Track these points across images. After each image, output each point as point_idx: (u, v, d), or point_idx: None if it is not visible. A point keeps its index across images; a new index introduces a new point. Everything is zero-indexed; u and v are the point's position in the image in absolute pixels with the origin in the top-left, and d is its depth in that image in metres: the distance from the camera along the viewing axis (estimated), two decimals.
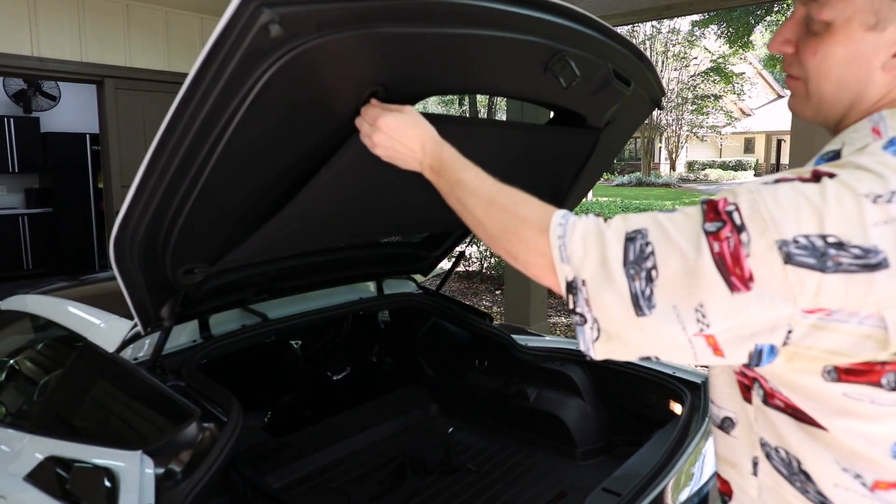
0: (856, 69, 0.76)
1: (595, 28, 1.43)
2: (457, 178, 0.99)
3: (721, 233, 0.67)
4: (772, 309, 0.65)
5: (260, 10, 0.87)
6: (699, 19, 17.84)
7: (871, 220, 0.63)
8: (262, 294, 2.03)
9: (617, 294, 0.70)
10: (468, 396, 2.57)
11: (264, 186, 1.31)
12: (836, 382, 0.70)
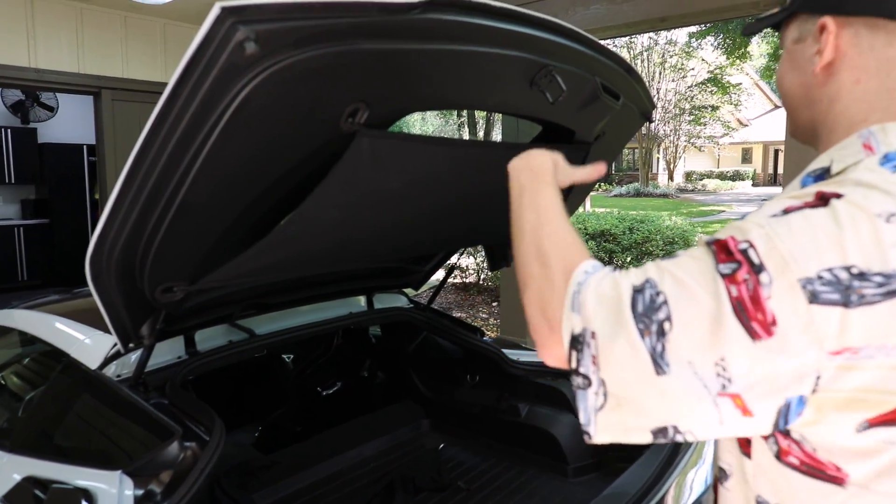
0: (796, 75, 0.83)
1: (582, 42, 1.42)
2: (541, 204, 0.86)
3: (737, 275, 0.61)
4: (798, 355, 0.59)
5: (235, 28, 0.86)
6: (696, 31, 17.94)
7: (889, 240, 0.60)
8: (250, 310, 2.01)
9: (631, 348, 0.62)
10: (460, 412, 2.54)
11: (246, 205, 1.30)
12: (866, 431, 0.64)
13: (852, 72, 0.76)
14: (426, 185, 1.50)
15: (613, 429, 0.65)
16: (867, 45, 0.75)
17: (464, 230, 1.93)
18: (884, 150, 0.69)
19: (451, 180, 1.55)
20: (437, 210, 1.67)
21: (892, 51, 0.74)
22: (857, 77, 0.76)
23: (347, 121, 1.17)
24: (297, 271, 1.73)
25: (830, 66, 0.78)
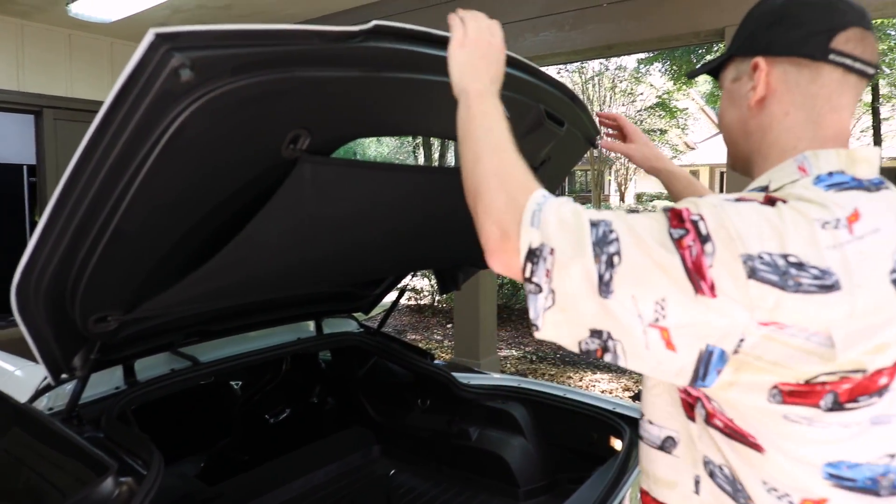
0: (734, 110, 0.93)
1: (525, 70, 1.45)
2: (491, 112, 0.92)
3: (684, 240, 0.70)
4: (729, 316, 0.68)
5: (170, 54, 0.85)
6: (644, 57, 18.49)
7: (824, 243, 0.70)
8: (193, 337, 1.96)
9: (584, 271, 0.71)
10: (411, 437, 2.52)
11: (185, 231, 1.27)
12: (779, 405, 0.72)
13: (781, 105, 0.86)
14: (371, 210, 1.50)
15: (558, 326, 0.74)
16: (794, 82, 0.85)
17: (412, 255, 1.93)
18: (816, 172, 0.80)
19: (398, 205, 1.55)
20: (385, 235, 1.66)
21: (815, 87, 0.84)
22: (786, 110, 0.86)
23: (289, 147, 1.17)
24: (241, 298, 1.70)
25: (763, 101, 0.88)
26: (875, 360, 0.72)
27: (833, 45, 0.82)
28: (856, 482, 0.75)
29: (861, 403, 0.73)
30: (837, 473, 0.74)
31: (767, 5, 0.90)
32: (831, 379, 0.71)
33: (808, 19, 0.84)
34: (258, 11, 4.98)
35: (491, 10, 3.63)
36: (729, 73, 0.95)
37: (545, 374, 5.62)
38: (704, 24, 3.74)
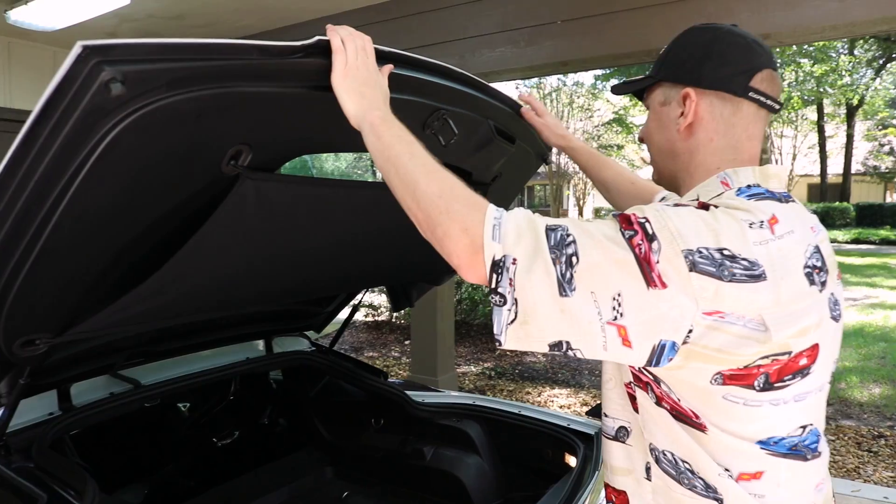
0: (663, 132, 1.03)
1: (474, 87, 1.44)
2: (404, 136, 0.95)
3: (634, 240, 0.79)
4: (678, 308, 0.76)
5: (100, 67, 0.81)
6: (601, 73, 18.87)
7: (752, 239, 0.81)
8: (134, 359, 1.88)
9: (545, 273, 0.76)
10: (364, 457, 2.46)
11: (120, 250, 1.21)
12: (720, 385, 0.83)
13: (707, 132, 0.98)
14: (320, 226, 1.46)
15: (519, 339, 0.80)
16: (718, 113, 0.97)
17: (363, 271, 1.89)
18: (737, 185, 0.93)
19: (347, 222, 1.52)
20: (334, 252, 1.63)
21: (735, 118, 0.96)
22: (710, 137, 0.97)
23: (230, 164, 1.13)
24: (184, 317, 1.64)
25: (691, 127, 0.98)
26: (798, 342, 0.83)
27: (752, 83, 0.95)
28: (784, 452, 0.87)
29: (787, 382, 0.84)
30: (768, 447, 0.86)
31: (697, 38, 1.00)
32: (764, 362, 0.81)
33: (733, 59, 0.96)
34: (212, 23, 4.90)
35: (447, 26, 3.66)
36: (657, 96, 1.04)
37: (504, 391, 5.62)
38: (656, 43, 3.82)
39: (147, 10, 4.56)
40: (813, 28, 3.48)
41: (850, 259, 16.01)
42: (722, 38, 0.97)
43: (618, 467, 1.00)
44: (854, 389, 5.63)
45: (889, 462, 4.09)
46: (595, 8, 4.01)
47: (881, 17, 3.32)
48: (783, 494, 0.88)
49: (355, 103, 1.00)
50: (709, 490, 0.87)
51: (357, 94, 1.00)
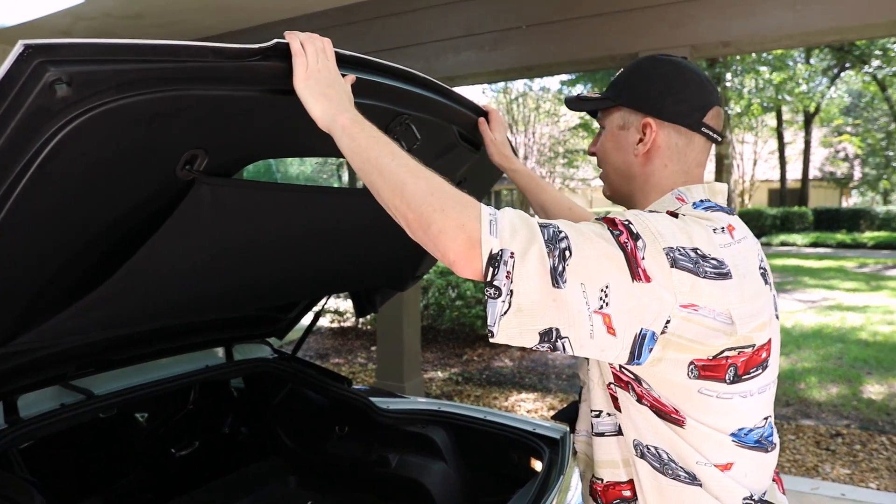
0: (620, 154, 1.11)
1: (437, 92, 1.42)
2: (378, 136, 0.96)
3: (620, 238, 0.86)
4: (659, 300, 0.84)
5: (44, 68, 0.77)
6: (568, 79, 19.06)
7: (717, 242, 0.92)
8: (87, 368, 1.82)
9: (541, 265, 0.81)
10: (328, 466, 2.42)
11: (70, 257, 1.16)
12: (695, 380, 0.91)
13: (662, 159, 1.07)
14: (279, 232, 1.43)
15: (511, 329, 0.83)
16: (674, 144, 1.06)
17: (325, 277, 1.86)
18: (692, 200, 1.04)
19: (307, 227, 1.49)
20: (295, 258, 1.59)
21: (688, 149, 1.07)
22: (665, 163, 1.07)
23: (184, 168, 1.10)
24: (139, 325, 1.58)
25: (648, 153, 1.07)
26: (759, 336, 0.93)
27: (705, 119, 1.06)
28: (751, 444, 0.97)
29: (752, 374, 0.95)
30: (739, 439, 0.96)
31: (658, 70, 1.08)
32: (732, 354, 0.91)
33: (690, 96, 1.06)
34: (172, 23, 4.81)
35: (413, 30, 3.65)
36: (615, 119, 1.11)
37: (471, 396, 5.61)
38: (619, 49, 3.86)
39: (103, 7, 4.44)
40: (770, 36, 3.56)
41: (809, 262, 16.45)
42: (681, 74, 1.07)
43: (603, 461, 1.07)
44: (813, 389, 5.76)
45: (846, 460, 4.19)
46: (559, 14, 4.04)
47: (834, 28, 3.42)
48: (748, 483, 0.98)
49: (321, 106, 0.99)
50: (691, 478, 0.96)
51: (321, 96, 0.99)
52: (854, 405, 5.32)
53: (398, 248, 1.90)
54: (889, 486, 3.79)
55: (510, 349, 7.21)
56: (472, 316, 7.17)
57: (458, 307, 7.28)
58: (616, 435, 1.05)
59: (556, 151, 25.14)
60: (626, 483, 1.04)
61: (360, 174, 0.95)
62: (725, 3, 3.56)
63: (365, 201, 1.63)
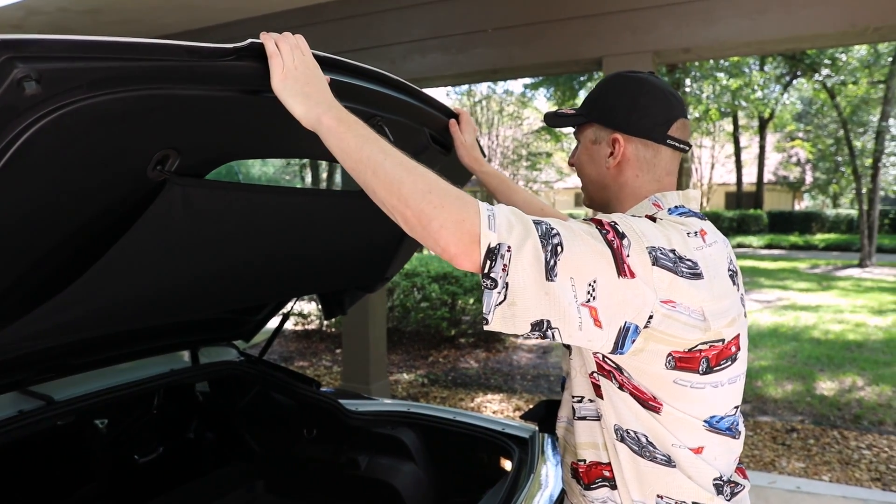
0: (593, 167, 1.18)
1: (410, 94, 1.42)
2: (367, 133, 0.96)
3: (608, 237, 0.91)
4: (641, 296, 0.90)
5: (12, 64, 0.75)
6: (530, 82, 19.25)
7: (692, 245, 0.98)
8: (47, 373, 1.76)
9: (535, 259, 0.85)
10: (297, 469, 2.40)
11: (33, 262, 1.13)
12: (672, 370, 0.98)
13: (633, 170, 1.14)
14: (250, 234, 1.42)
15: (505, 319, 0.88)
16: (642, 156, 1.13)
17: (295, 279, 1.84)
18: (667, 206, 1.11)
19: (278, 229, 1.48)
20: (265, 260, 1.58)
21: (656, 160, 1.14)
22: (636, 174, 1.14)
23: (156, 169, 1.08)
24: (105, 328, 1.54)
25: (619, 165, 1.14)
26: (728, 332, 1.01)
27: (669, 132, 1.13)
28: (723, 430, 1.05)
29: (723, 366, 1.02)
30: (711, 425, 1.04)
31: (625, 87, 1.16)
32: (704, 347, 0.98)
33: (654, 112, 1.12)
34: (131, 19, 4.70)
35: (379, 31, 3.64)
36: (588, 134, 1.19)
37: (437, 398, 5.61)
38: (584, 53, 3.92)
39: (58, 2, 4.32)
40: (729, 44, 3.66)
41: (764, 263, 16.94)
42: (647, 91, 1.14)
43: (584, 443, 1.14)
44: (769, 387, 5.93)
45: (801, 454, 4.33)
46: (525, 18, 4.08)
47: (788, 37, 3.54)
48: (718, 465, 1.06)
49: (302, 105, 0.98)
50: (667, 460, 1.03)
51: (301, 95, 0.98)
52: (808, 401, 5.49)
53: (368, 250, 1.90)
54: (840, 479, 3.92)
55: (475, 351, 7.24)
56: (438, 318, 7.17)
57: (423, 309, 7.27)
58: (596, 419, 1.11)
59: (519, 154, 25.33)
60: (607, 464, 1.11)
61: (352, 174, 0.95)
62: (686, 11, 3.65)
63: (337, 203, 1.62)
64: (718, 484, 1.06)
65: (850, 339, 7.99)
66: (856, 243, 19.62)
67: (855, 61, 15.53)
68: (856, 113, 17.77)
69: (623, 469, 1.07)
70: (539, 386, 6.00)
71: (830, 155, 20.49)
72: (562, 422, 1.25)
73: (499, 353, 7.22)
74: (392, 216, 0.93)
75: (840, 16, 3.37)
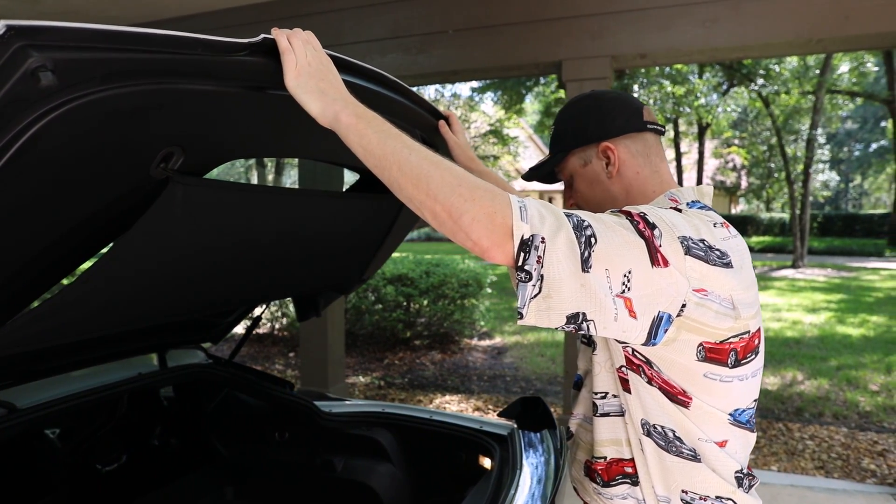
0: (597, 186, 1.18)
1: (403, 95, 1.42)
2: (388, 129, 0.93)
3: (639, 227, 0.91)
4: (675, 284, 0.89)
5: (27, 53, 0.69)
6: (478, 86, 19.40)
7: (719, 235, 0.99)
8: (9, 380, 1.67)
9: (570, 250, 0.84)
10: (269, 474, 2.34)
11: (25, 263, 1.07)
12: (702, 362, 0.98)
13: (633, 169, 1.15)
14: (241, 235, 1.39)
15: (540, 312, 0.86)
16: (634, 150, 1.15)
17: (279, 280, 1.81)
18: (684, 200, 1.11)
19: (269, 230, 1.45)
20: (252, 261, 1.54)
21: (646, 149, 1.16)
22: (636, 171, 1.15)
23: (159, 166, 1.04)
24: (88, 333, 1.47)
25: (620, 171, 1.15)
26: (752, 324, 1.01)
27: (644, 118, 1.16)
28: (743, 423, 1.06)
29: (749, 359, 1.02)
30: (735, 418, 1.05)
31: (581, 106, 1.19)
32: (734, 339, 0.98)
33: (619, 109, 1.16)
34: (71, 11, 4.49)
35: (338, 29, 3.59)
36: (573, 164, 1.20)
37: (395, 399, 5.58)
38: (544, 56, 3.98)
39: None
40: (683, 50, 3.78)
41: None
42: (602, 98, 1.18)
43: (606, 439, 1.14)
44: None
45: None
46: (485, 20, 4.11)
47: (739, 45, 3.68)
48: (739, 458, 1.08)
49: (318, 101, 0.95)
50: (693, 454, 1.03)
51: (316, 91, 0.95)
52: None
53: (350, 250, 1.88)
54: (788, 468, 4.10)
55: (430, 353, 7.23)
56: (393, 320, 7.14)
57: (378, 311, 7.23)
58: (620, 415, 1.11)
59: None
60: (629, 460, 1.11)
61: (375, 171, 0.92)
62: (643, 18, 3.75)
63: (328, 203, 1.60)
64: (739, 477, 1.07)
65: (788, 335, 8.36)
66: (789, 245, 20.57)
67: (787, 72, 16.28)
68: (788, 121, 18.64)
69: (648, 464, 1.07)
70: (496, 386, 6.04)
71: (764, 161, 21.40)
72: (576, 419, 1.25)
73: (454, 355, 7.24)
74: (419, 212, 0.91)
75: (788, 27, 3.53)
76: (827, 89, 17.42)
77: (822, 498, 3.57)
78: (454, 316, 7.40)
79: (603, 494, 1.16)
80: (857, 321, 9.39)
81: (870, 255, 21.21)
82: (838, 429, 4.86)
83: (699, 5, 3.66)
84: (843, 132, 38.07)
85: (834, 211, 35.18)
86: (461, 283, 7.34)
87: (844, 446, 4.48)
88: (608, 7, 3.81)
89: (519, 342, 8.00)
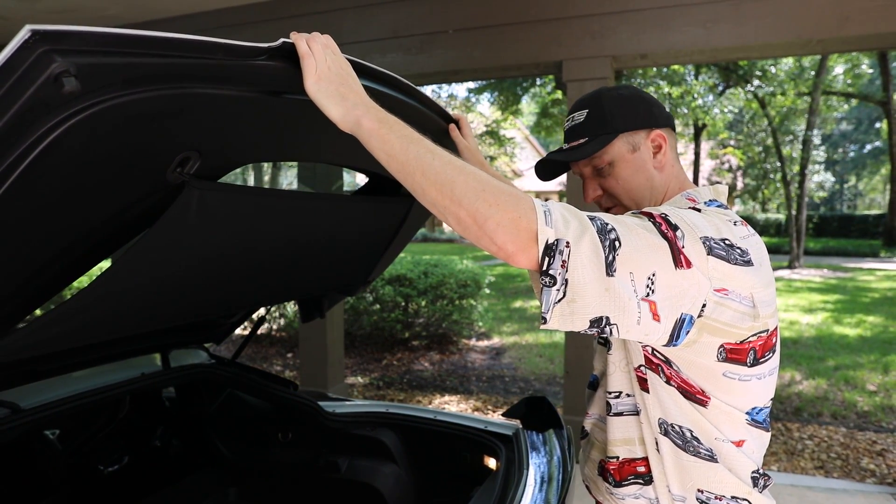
0: (641, 174, 1.17)
1: (414, 97, 1.41)
2: (410, 133, 0.92)
3: (661, 228, 0.91)
4: (697, 285, 0.89)
5: (51, 58, 0.69)
6: (475, 87, 19.38)
7: (738, 234, 0.99)
8: (13, 380, 1.66)
9: (594, 255, 0.84)
10: (272, 474, 2.33)
11: (37, 266, 1.06)
12: (722, 362, 0.98)
13: (671, 161, 1.18)
14: (253, 238, 1.38)
15: (564, 317, 0.86)
16: (671, 144, 1.18)
17: (288, 282, 1.80)
18: (703, 199, 1.12)
19: (280, 233, 1.45)
20: (263, 264, 1.54)
21: (673, 143, 1.20)
22: (672, 163, 1.18)
23: (176, 171, 1.03)
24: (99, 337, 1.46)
25: (662, 161, 1.17)
26: (771, 322, 1.01)
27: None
28: (760, 423, 1.07)
29: (767, 357, 1.03)
30: (752, 417, 1.05)
31: (623, 94, 1.18)
32: (753, 338, 0.99)
33: (654, 102, 1.18)
34: (71, 9, 4.47)
35: (338, 29, 3.59)
36: (620, 147, 1.16)
37: (394, 400, 5.57)
38: (544, 56, 3.98)
39: None
40: (684, 51, 3.78)
41: None
42: (637, 90, 1.19)
43: (619, 439, 1.15)
44: None
45: None
46: (486, 20, 4.11)
47: (739, 46, 3.69)
48: (755, 458, 1.09)
49: (338, 106, 0.94)
50: (710, 454, 1.04)
51: (337, 96, 0.94)
52: None
53: (358, 252, 1.87)
54: (788, 468, 4.10)
55: (428, 353, 7.22)
56: (391, 321, 7.13)
57: (376, 311, 7.21)
58: (634, 414, 1.12)
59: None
60: (642, 459, 1.12)
61: (398, 176, 0.91)
62: (643, 19, 3.76)
63: (340, 206, 1.59)
64: (755, 477, 1.08)
65: (785, 336, 8.37)
66: (785, 246, 20.61)
67: (783, 73, 16.32)
68: (784, 122, 18.69)
69: (664, 463, 1.08)
70: (495, 387, 6.03)
71: (760, 162, 21.45)
72: (591, 418, 1.26)
73: (452, 355, 7.23)
74: (443, 217, 0.90)
75: (788, 28, 3.53)
76: (822, 90, 17.48)
77: (822, 497, 3.58)
78: (452, 316, 7.39)
79: (615, 494, 1.17)
80: (854, 321, 9.42)
81: (865, 256, 21.30)
82: (837, 428, 4.87)
83: (699, 6, 3.66)
84: (839, 133, 38.24)
85: (829, 212, 35.33)
86: (459, 284, 7.34)
87: (843, 446, 4.49)
88: (609, 7, 3.81)
89: (517, 343, 8.00)
